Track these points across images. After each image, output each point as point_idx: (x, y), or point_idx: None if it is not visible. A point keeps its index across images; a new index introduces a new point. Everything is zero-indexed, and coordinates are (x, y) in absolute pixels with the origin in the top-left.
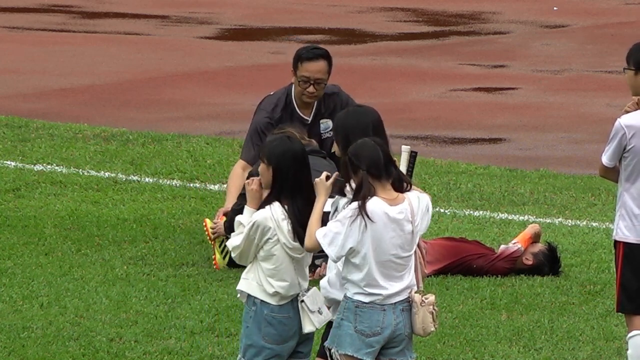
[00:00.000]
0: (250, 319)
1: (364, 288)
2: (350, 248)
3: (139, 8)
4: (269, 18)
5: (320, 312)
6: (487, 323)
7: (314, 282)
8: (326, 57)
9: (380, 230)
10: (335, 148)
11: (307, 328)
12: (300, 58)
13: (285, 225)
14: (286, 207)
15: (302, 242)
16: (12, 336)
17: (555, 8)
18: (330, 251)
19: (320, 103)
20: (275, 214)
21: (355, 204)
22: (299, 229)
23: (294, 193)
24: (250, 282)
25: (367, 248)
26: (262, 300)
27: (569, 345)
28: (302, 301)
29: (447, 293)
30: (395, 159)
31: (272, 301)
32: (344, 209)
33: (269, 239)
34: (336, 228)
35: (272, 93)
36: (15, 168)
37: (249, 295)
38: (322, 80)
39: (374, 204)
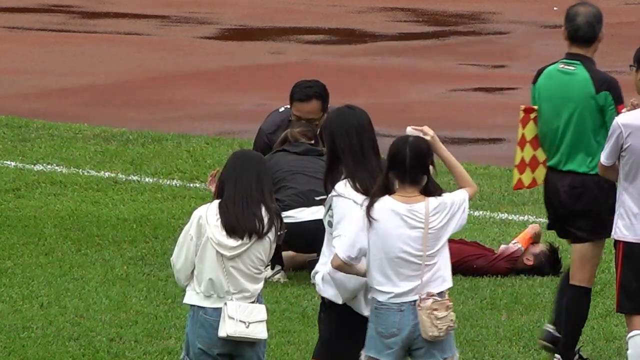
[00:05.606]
0: (189, 317)
1: (376, 286)
2: (356, 248)
3: (139, 8)
4: (269, 18)
5: (246, 326)
6: (487, 323)
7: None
8: (319, 96)
9: (386, 226)
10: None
11: (220, 332)
12: (292, 97)
13: (214, 221)
14: (221, 204)
15: (232, 233)
16: (12, 336)
17: (555, 8)
18: (340, 251)
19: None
20: (210, 210)
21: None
22: (229, 227)
23: (231, 193)
24: (189, 292)
25: (374, 245)
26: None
27: None
28: (225, 303)
29: None
30: (433, 168)
31: (198, 299)
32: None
33: (204, 233)
34: (349, 225)
35: (281, 109)
36: (15, 168)
37: None
38: (314, 120)
39: (383, 202)
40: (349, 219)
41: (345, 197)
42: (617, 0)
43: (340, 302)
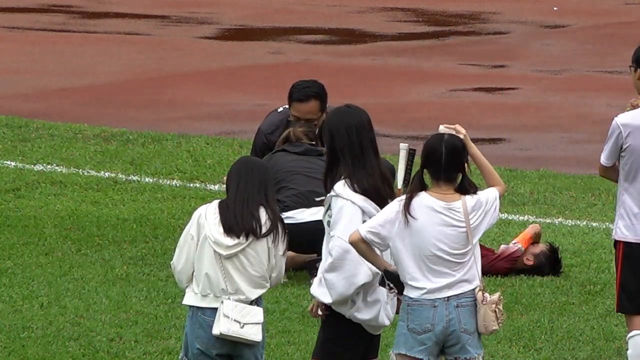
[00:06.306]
0: (188, 318)
1: (409, 282)
2: (379, 234)
3: (139, 8)
4: (269, 18)
5: (241, 326)
6: None
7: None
8: (317, 96)
9: (422, 223)
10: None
11: (214, 330)
12: (291, 97)
13: (212, 219)
14: (222, 204)
15: (229, 232)
16: (12, 336)
17: (555, 8)
18: (363, 229)
19: (322, 127)
20: (209, 208)
21: (402, 198)
22: (227, 225)
23: (233, 194)
24: (188, 293)
25: (409, 241)
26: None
27: (569, 345)
28: (222, 302)
29: None
30: (467, 166)
31: (195, 300)
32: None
33: (203, 232)
34: (380, 214)
35: (279, 109)
36: (15, 168)
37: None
38: (312, 120)
39: (420, 199)
40: (349, 218)
41: (344, 197)
42: (617, 0)
43: (327, 301)
